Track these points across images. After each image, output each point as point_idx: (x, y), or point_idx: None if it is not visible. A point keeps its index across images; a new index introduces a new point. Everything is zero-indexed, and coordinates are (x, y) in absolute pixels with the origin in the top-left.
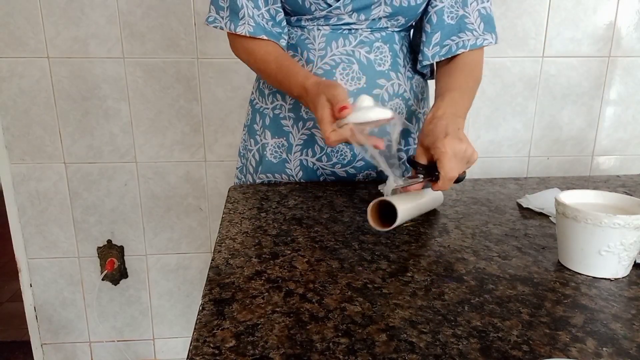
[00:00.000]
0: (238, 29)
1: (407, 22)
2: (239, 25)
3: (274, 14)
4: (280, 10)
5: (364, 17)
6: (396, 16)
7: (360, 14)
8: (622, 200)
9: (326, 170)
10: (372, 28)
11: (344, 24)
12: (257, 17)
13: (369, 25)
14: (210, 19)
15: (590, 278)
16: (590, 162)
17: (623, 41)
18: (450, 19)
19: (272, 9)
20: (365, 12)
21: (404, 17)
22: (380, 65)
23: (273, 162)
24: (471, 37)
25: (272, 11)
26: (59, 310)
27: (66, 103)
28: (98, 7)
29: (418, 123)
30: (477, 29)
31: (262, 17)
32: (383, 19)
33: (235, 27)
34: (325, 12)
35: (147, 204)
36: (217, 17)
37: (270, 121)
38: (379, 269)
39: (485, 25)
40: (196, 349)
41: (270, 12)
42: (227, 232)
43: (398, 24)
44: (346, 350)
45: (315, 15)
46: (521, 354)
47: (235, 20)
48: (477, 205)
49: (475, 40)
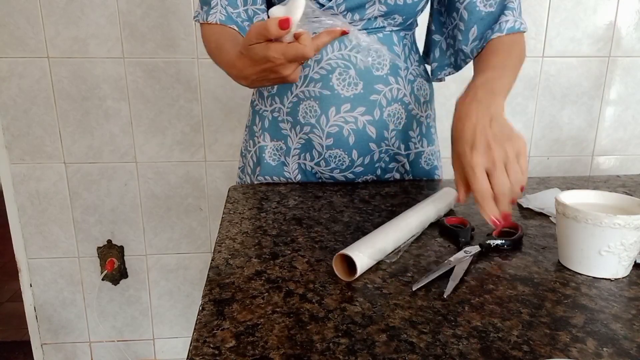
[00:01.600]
0: (209, 18)
1: (406, 20)
2: (210, 14)
3: (251, 14)
4: (260, 13)
5: (359, 17)
6: (392, 15)
7: (355, 14)
8: (622, 200)
9: (325, 175)
10: (368, 29)
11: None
12: (230, 14)
13: (365, 26)
14: (195, 14)
15: (590, 278)
16: (590, 162)
17: (623, 41)
18: (489, 6)
19: (250, 9)
20: (359, 12)
21: (401, 16)
22: (378, 70)
23: (271, 164)
24: (510, 17)
25: (250, 12)
26: (59, 310)
27: (66, 103)
28: (98, 7)
29: (420, 127)
30: (517, 8)
31: (237, 16)
32: (379, 18)
33: (207, 17)
34: None
35: (147, 204)
36: (200, 12)
37: (270, 124)
38: (379, 269)
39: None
40: (196, 349)
41: (248, 13)
42: (227, 232)
43: (395, 23)
44: (346, 350)
45: None
46: (521, 354)
47: (208, 10)
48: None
49: (514, 23)
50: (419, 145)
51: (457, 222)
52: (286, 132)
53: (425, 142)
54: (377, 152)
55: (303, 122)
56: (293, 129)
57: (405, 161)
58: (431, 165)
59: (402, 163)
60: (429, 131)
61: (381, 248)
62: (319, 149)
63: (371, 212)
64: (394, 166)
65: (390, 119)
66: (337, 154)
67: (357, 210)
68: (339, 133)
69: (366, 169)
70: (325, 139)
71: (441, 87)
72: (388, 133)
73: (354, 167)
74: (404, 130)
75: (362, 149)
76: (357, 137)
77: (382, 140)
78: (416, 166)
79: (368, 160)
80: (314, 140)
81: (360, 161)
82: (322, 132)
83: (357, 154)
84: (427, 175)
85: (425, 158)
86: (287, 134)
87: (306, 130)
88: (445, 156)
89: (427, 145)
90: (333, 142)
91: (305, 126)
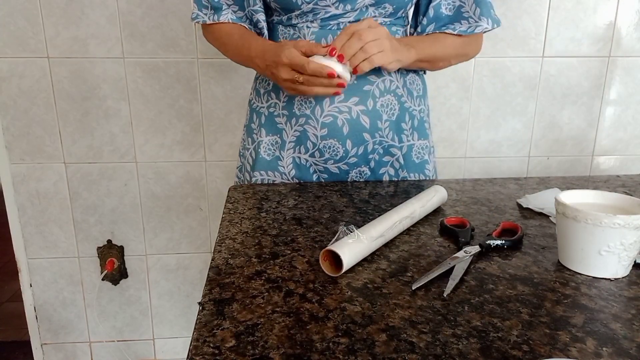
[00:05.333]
0: (221, 18)
1: (396, 10)
2: (221, 15)
3: (250, 16)
4: (255, 13)
5: (350, 7)
6: (383, 4)
7: (346, 4)
8: (622, 200)
9: (319, 167)
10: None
11: (332, 17)
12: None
13: (357, 17)
14: (193, 15)
15: (590, 278)
16: (590, 162)
17: (623, 41)
18: (448, 10)
19: (250, 10)
20: (350, 1)
21: (392, 5)
22: None
23: (266, 159)
24: (465, 25)
25: (249, 14)
26: (59, 310)
27: (66, 103)
28: (98, 7)
29: (412, 120)
30: (473, 15)
31: (241, 19)
32: (370, 8)
33: (219, 17)
34: (312, 4)
35: (147, 204)
36: (200, 14)
37: (266, 119)
38: (379, 269)
39: (481, 9)
40: (196, 349)
41: (247, 15)
42: (227, 232)
43: (386, 12)
44: (346, 350)
45: (304, 10)
46: (521, 353)
47: (217, 13)
48: (477, 205)
49: (467, 28)
50: (411, 138)
51: (457, 222)
52: (281, 125)
53: (416, 135)
54: (371, 143)
55: (298, 114)
56: (288, 122)
57: (399, 154)
58: (421, 159)
59: (397, 156)
60: (422, 125)
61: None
62: (314, 139)
63: (371, 212)
64: (388, 160)
65: (384, 109)
66: (331, 144)
67: (357, 210)
68: (333, 123)
69: (360, 160)
70: (320, 129)
71: (441, 87)
72: (382, 123)
73: (348, 158)
74: (397, 122)
75: (356, 139)
76: (351, 127)
77: (375, 131)
78: (408, 159)
79: (362, 151)
80: (309, 131)
81: (354, 151)
82: (316, 123)
83: (351, 144)
84: (418, 169)
85: (416, 151)
86: (283, 127)
87: (301, 122)
88: (445, 156)
89: (419, 138)
90: (327, 132)
91: (301, 117)
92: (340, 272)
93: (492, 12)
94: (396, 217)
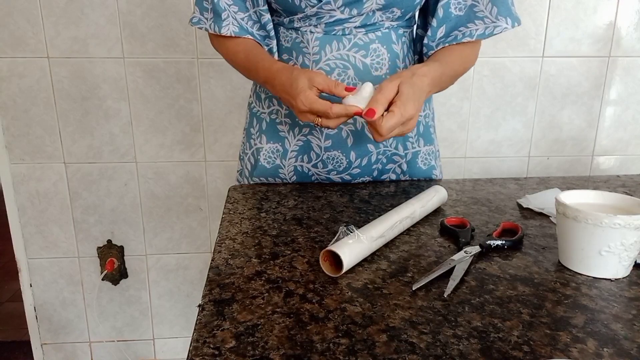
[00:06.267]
0: (222, 30)
1: (404, 14)
2: (222, 26)
3: (258, 16)
4: (264, 13)
5: (357, 12)
6: (390, 8)
7: (352, 9)
8: (622, 200)
9: (321, 177)
10: (366, 25)
11: (337, 22)
12: (240, 21)
13: (363, 22)
14: (194, 19)
15: (590, 278)
16: (590, 162)
17: (623, 41)
18: (458, 10)
19: (258, 11)
20: (357, 6)
21: (400, 9)
22: (377, 70)
23: (266, 167)
24: (481, 26)
25: (257, 14)
26: (59, 310)
27: (66, 103)
28: (98, 7)
29: (418, 127)
30: (489, 15)
31: (245, 21)
32: (377, 12)
33: (220, 29)
34: (316, 8)
35: (147, 204)
36: (202, 18)
37: (267, 126)
38: (379, 269)
39: (498, 8)
40: (196, 349)
41: (255, 16)
42: (227, 232)
43: (394, 17)
44: (346, 350)
45: (307, 13)
46: (522, 354)
47: (219, 22)
48: (477, 205)
49: (485, 30)
50: (417, 145)
51: (457, 222)
52: (284, 134)
53: (422, 142)
54: (375, 154)
55: (302, 124)
56: (291, 131)
57: (402, 161)
58: (428, 165)
59: (399, 163)
60: (427, 131)
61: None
62: (317, 150)
63: (371, 212)
64: (391, 167)
65: None
66: (335, 155)
67: (356, 210)
68: (337, 134)
69: (363, 171)
70: (324, 140)
71: None
72: None
73: (351, 169)
74: None
75: (360, 150)
76: (355, 138)
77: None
78: (413, 166)
79: (366, 162)
80: (313, 142)
81: (358, 163)
82: (320, 134)
83: (355, 155)
84: (425, 175)
85: (423, 158)
86: (285, 135)
87: (305, 132)
88: (444, 156)
89: (424, 144)
90: (331, 144)
91: (304, 127)
92: (341, 273)
93: (512, 9)
94: (396, 217)
